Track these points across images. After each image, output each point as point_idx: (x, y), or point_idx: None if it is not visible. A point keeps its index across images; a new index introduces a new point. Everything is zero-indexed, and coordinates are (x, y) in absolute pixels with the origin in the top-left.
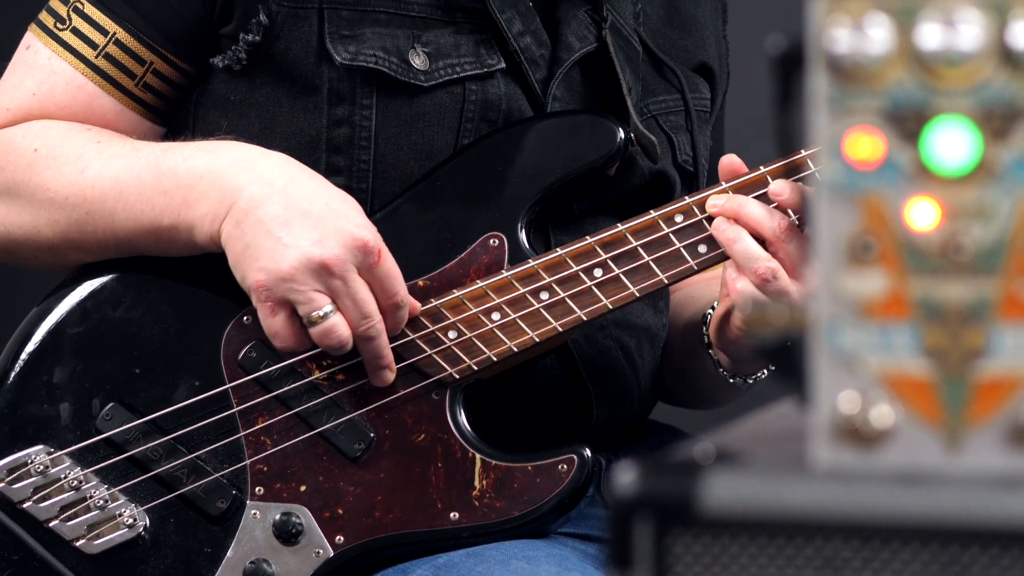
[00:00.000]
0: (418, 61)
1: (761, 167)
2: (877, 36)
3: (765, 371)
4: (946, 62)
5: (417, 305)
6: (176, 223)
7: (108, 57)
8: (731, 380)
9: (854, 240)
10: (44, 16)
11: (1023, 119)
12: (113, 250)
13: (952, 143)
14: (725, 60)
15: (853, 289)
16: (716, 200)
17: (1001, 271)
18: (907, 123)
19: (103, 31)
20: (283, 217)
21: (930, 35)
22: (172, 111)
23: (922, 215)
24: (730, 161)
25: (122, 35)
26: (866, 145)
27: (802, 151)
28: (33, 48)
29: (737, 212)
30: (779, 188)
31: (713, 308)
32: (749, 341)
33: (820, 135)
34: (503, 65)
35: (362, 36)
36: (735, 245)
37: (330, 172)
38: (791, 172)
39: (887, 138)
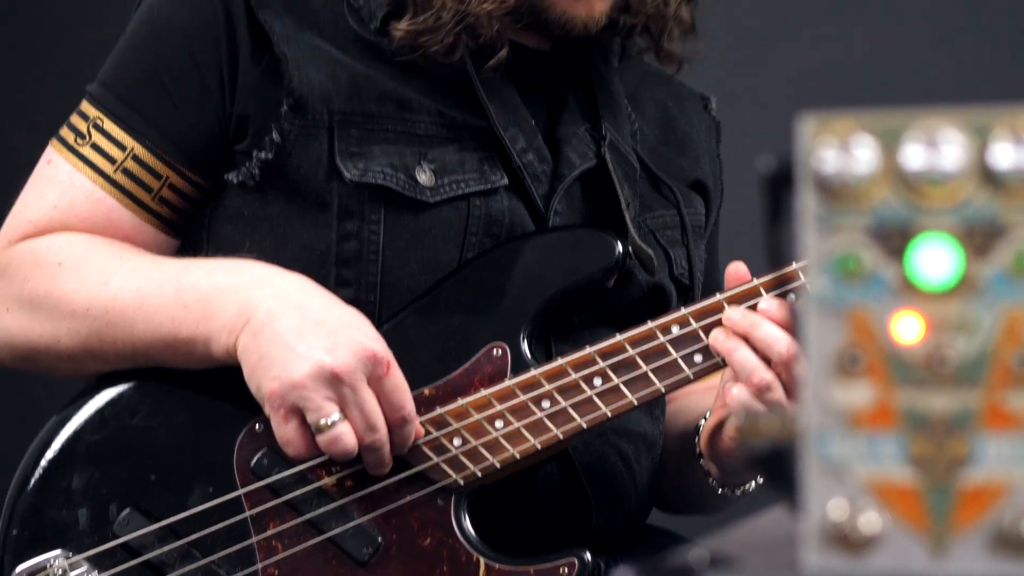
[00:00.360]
0: (424, 177)
1: (755, 279)
2: (863, 156)
3: (754, 483)
4: (929, 181)
5: (421, 430)
6: (194, 335)
7: (126, 172)
8: (720, 490)
9: (842, 353)
10: (65, 132)
11: (1003, 236)
12: (130, 360)
13: (936, 259)
14: (719, 177)
15: (841, 400)
16: (732, 314)
17: (984, 382)
18: (892, 240)
19: (121, 146)
20: (298, 329)
21: (914, 156)
22: (186, 224)
23: (907, 328)
24: (736, 268)
25: (139, 150)
26: (853, 262)
27: (794, 263)
28: (54, 163)
29: (748, 332)
30: (767, 306)
31: (705, 419)
32: (740, 451)
33: (809, 252)
34: (506, 181)
35: (370, 153)
36: (735, 354)
37: (339, 285)
38: (783, 284)
39: (873, 255)
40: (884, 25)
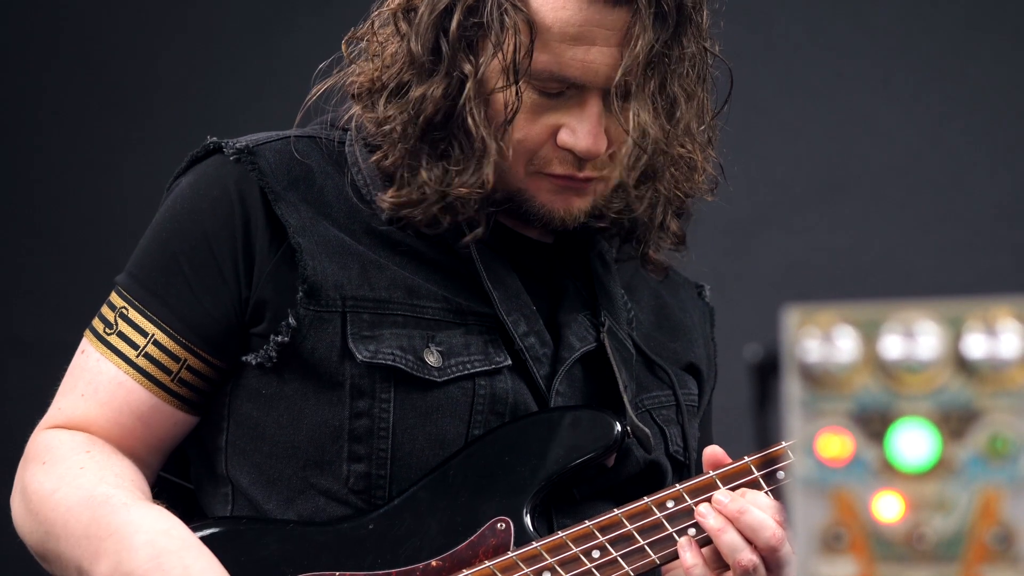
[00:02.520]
0: (432, 359)
1: (745, 456)
2: (844, 346)
3: None
4: (907, 369)
5: None
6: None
7: (147, 356)
8: None
9: (826, 530)
10: (96, 323)
11: (978, 420)
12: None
13: (914, 442)
14: (713, 360)
15: (827, 575)
16: (721, 497)
17: (961, 559)
18: (873, 424)
19: (144, 333)
20: None
21: (892, 345)
22: (205, 403)
23: (888, 507)
24: (713, 452)
25: (160, 336)
26: (836, 444)
27: (783, 442)
28: (86, 352)
29: (736, 517)
30: (704, 511)
31: None
32: None
33: (794, 435)
34: (510, 362)
35: (381, 337)
36: (723, 536)
37: (352, 460)
38: (771, 462)
39: (855, 438)
40: (867, 216)
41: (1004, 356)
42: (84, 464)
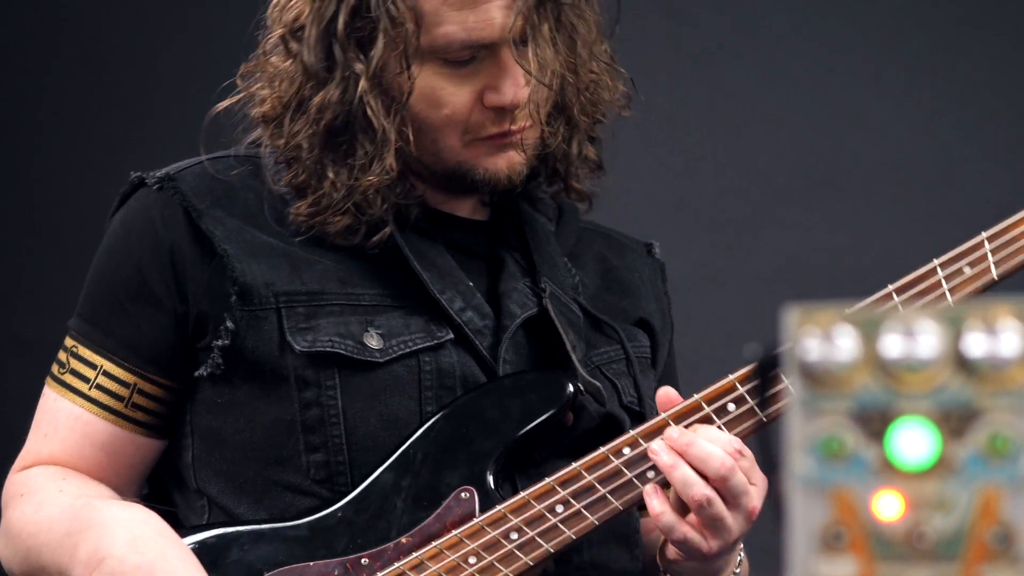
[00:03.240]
0: (373, 342)
1: (695, 395)
2: (844, 345)
3: None
4: (907, 368)
5: None
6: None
7: (99, 387)
8: None
9: (826, 530)
10: (53, 367)
11: (978, 419)
12: None
13: (914, 441)
14: (668, 313)
15: (827, 574)
16: (671, 433)
17: (961, 558)
18: (873, 423)
19: (93, 366)
20: None
21: (892, 344)
22: (167, 425)
23: (888, 507)
24: (666, 393)
25: (108, 366)
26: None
27: (729, 376)
28: (47, 395)
29: (684, 450)
30: (656, 447)
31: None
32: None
33: (794, 434)
34: (452, 336)
35: (318, 327)
36: (674, 472)
37: (309, 451)
38: (722, 396)
39: (855, 437)
40: (865, 213)
41: (1004, 355)
42: (63, 488)
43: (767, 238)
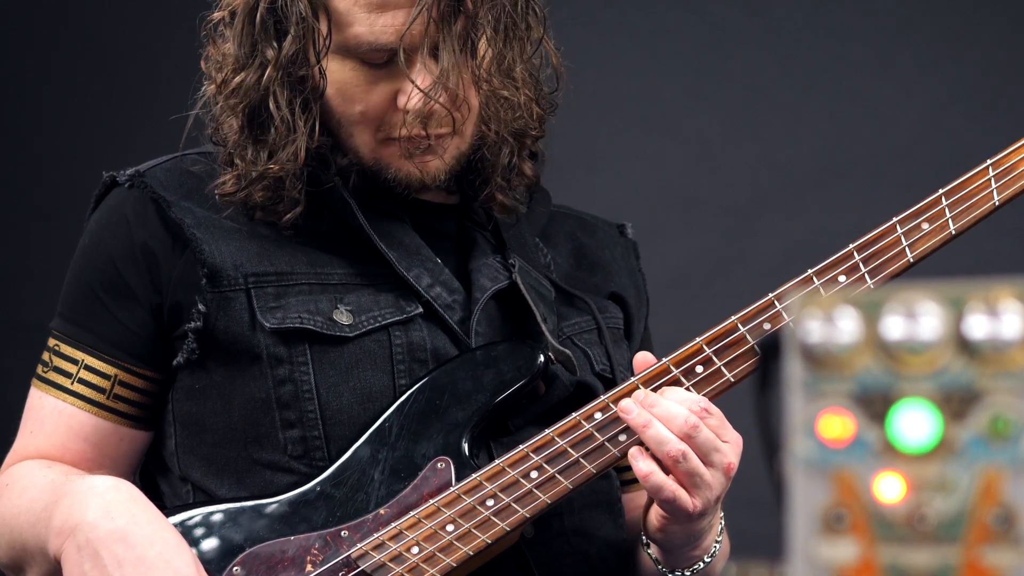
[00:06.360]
0: (343, 318)
1: (664, 358)
2: (846, 327)
3: (700, 563)
4: (909, 350)
5: None
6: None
7: (81, 381)
8: (669, 575)
9: (828, 511)
10: (38, 367)
11: (979, 401)
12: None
13: (915, 423)
14: (643, 288)
15: (827, 556)
16: (636, 395)
17: (962, 540)
18: (874, 405)
19: (74, 361)
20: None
21: (894, 326)
22: (149, 416)
23: (889, 489)
24: (643, 357)
25: (89, 360)
26: (837, 425)
27: (696, 339)
28: (33, 395)
29: (648, 411)
30: (627, 407)
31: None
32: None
33: (796, 416)
34: (421, 310)
35: (288, 305)
36: (647, 430)
37: (285, 427)
38: (689, 358)
39: (856, 419)
40: (869, 199)
41: (1005, 337)
42: (48, 475)
43: (775, 225)
